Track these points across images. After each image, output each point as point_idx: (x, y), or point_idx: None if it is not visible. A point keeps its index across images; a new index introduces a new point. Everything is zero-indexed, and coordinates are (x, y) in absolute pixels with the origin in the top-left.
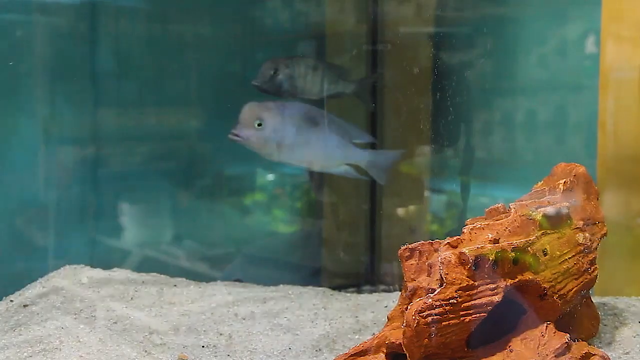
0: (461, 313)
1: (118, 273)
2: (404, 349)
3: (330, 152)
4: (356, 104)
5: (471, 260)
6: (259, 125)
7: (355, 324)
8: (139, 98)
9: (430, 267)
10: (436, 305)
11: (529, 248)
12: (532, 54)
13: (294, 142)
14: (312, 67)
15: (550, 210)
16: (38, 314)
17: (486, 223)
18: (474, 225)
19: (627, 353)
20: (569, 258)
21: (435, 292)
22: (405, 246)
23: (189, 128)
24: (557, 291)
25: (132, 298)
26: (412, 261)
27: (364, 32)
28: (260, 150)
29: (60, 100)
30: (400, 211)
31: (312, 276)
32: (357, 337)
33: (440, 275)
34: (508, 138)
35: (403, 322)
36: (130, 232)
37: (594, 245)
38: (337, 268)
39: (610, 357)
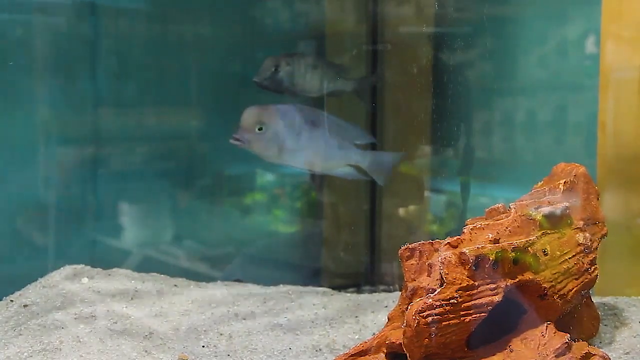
0: (461, 313)
1: (118, 273)
2: (404, 349)
3: (332, 154)
4: (356, 104)
5: (471, 260)
6: (260, 129)
7: (355, 324)
8: (139, 98)
9: (431, 267)
10: (436, 305)
11: (529, 248)
12: (532, 54)
13: (295, 145)
14: (312, 65)
15: (550, 210)
16: (38, 314)
17: (486, 223)
18: (474, 225)
19: (627, 353)
20: (569, 258)
21: (436, 292)
22: (406, 246)
23: (189, 128)
24: (558, 291)
25: (132, 298)
26: (412, 261)
27: (364, 32)
28: (261, 153)
29: (60, 100)
30: (400, 211)
31: (312, 276)
32: (357, 337)
33: (441, 275)
34: (508, 138)
35: (403, 322)
36: (130, 232)
37: (594, 245)
38: (337, 268)
39: (610, 357)
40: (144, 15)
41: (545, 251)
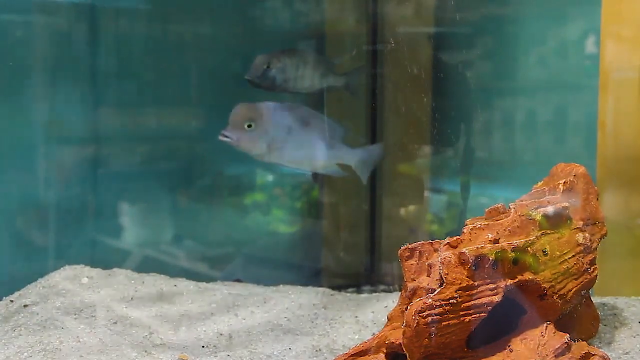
0: (461, 313)
1: (118, 273)
2: (404, 349)
3: (321, 152)
4: (356, 104)
5: (471, 260)
6: (249, 126)
7: (355, 324)
8: (139, 98)
9: (430, 267)
10: (436, 305)
11: (529, 248)
12: (532, 54)
13: (284, 143)
14: (303, 61)
15: (550, 210)
16: (38, 314)
17: (486, 223)
18: (474, 225)
19: (627, 353)
20: (569, 258)
21: (435, 292)
22: (405, 246)
23: (189, 128)
24: (557, 291)
25: (132, 298)
26: (412, 261)
27: (364, 32)
28: (250, 151)
29: (60, 100)
30: (400, 211)
31: (312, 276)
32: (357, 337)
33: (440, 275)
34: (508, 138)
35: (403, 322)
36: (130, 232)
37: (594, 245)
38: (337, 268)
39: (610, 357)
40: (144, 15)
41: (545, 251)
